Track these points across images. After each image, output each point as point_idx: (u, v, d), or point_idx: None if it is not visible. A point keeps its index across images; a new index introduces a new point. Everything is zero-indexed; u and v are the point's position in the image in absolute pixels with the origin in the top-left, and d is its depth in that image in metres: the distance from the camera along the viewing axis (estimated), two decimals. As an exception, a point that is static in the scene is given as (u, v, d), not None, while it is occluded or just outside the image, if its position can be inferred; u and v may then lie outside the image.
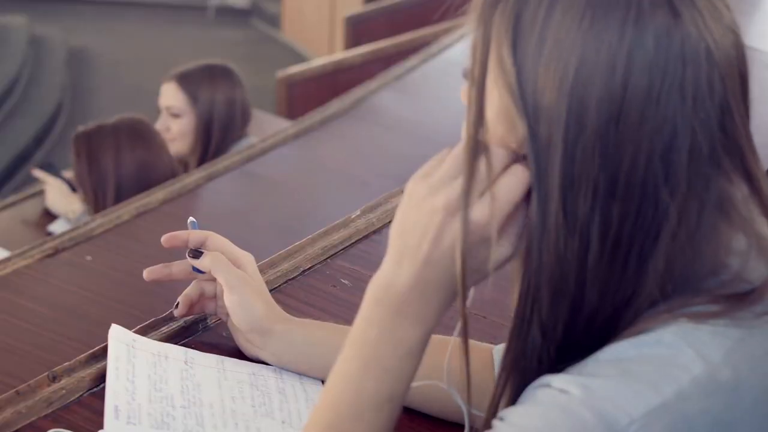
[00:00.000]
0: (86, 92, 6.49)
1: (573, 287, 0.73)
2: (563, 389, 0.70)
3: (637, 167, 0.70)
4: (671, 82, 0.69)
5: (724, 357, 0.70)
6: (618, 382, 0.70)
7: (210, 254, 1.08)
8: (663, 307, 0.73)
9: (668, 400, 0.69)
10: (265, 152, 2.36)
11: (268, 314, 1.06)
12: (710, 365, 0.70)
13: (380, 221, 1.46)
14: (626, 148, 0.70)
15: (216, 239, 1.10)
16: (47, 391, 1.00)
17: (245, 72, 2.87)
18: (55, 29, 7.32)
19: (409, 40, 4.06)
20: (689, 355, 0.70)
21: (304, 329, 1.07)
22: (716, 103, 0.71)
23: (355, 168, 2.39)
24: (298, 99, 3.89)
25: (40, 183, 2.73)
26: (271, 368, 1.08)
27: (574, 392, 0.70)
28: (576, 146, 0.70)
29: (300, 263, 1.31)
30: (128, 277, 1.71)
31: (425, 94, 2.96)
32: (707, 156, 0.71)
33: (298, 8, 7.29)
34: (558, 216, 0.71)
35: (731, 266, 0.74)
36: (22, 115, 5.77)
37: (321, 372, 1.07)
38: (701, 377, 0.70)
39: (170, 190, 2.08)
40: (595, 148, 0.70)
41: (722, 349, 0.71)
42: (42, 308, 1.58)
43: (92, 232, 1.85)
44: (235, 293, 1.06)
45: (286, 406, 1.03)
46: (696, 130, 0.70)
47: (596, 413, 0.68)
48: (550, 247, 0.72)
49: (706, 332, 0.71)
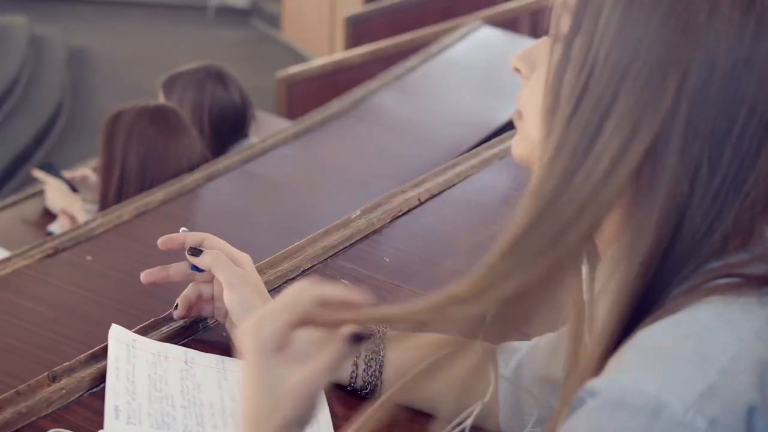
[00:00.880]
0: (86, 92, 6.49)
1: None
2: (608, 391, 0.70)
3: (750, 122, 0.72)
4: None
5: (755, 335, 0.71)
6: (663, 372, 0.70)
7: (210, 252, 1.08)
8: (692, 283, 0.74)
9: (715, 381, 0.69)
10: (265, 152, 2.36)
11: None
12: (744, 342, 0.71)
13: (380, 221, 1.46)
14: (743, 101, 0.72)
15: (213, 241, 1.10)
16: (47, 391, 1.00)
17: (245, 72, 2.87)
18: (55, 29, 7.32)
19: (409, 40, 4.06)
20: (725, 333, 0.71)
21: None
22: None
23: (355, 168, 2.39)
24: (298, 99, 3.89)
25: (40, 183, 2.73)
26: None
27: (628, 398, 0.69)
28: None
29: (300, 263, 1.31)
30: (128, 277, 1.71)
31: (425, 94, 2.96)
32: None
33: (298, 8, 7.29)
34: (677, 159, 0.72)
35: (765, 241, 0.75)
36: (22, 115, 5.78)
37: None
38: (739, 355, 0.70)
39: (170, 190, 2.08)
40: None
41: (753, 327, 0.71)
42: (42, 308, 1.58)
43: (92, 232, 1.85)
44: (235, 292, 1.06)
45: (286, 406, 1.03)
46: None
47: (653, 409, 0.68)
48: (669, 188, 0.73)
49: (737, 310, 0.72)
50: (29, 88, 6.18)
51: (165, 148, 2.34)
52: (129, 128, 2.32)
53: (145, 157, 2.32)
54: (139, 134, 2.32)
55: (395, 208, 1.51)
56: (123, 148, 2.31)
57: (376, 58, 3.98)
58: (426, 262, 1.42)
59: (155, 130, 2.34)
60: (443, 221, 1.55)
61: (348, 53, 4.30)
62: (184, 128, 2.40)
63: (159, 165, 2.32)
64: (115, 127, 2.33)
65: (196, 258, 1.08)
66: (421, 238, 1.48)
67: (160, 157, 2.33)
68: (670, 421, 0.68)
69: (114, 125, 2.34)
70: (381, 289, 1.31)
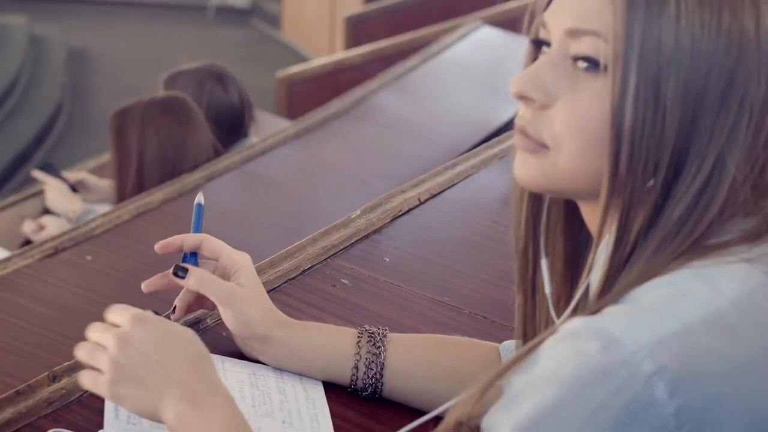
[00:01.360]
0: (86, 92, 6.49)
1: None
2: (574, 329, 0.73)
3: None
4: None
5: (733, 300, 0.73)
6: (627, 315, 0.72)
7: (195, 274, 1.05)
8: (675, 250, 0.76)
9: (676, 331, 0.71)
10: (265, 152, 2.36)
11: (265, 321, 1.05)
12: (719, 304, 0.73)
13: (380, 221, 1.46)
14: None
15: (210, 242, 1.09)
16: (47, 391, 1.00)
17: (245, 72, 2.87)
18: (55, 29, 7.32)
19: (409, 40, 4.06)
20: (701, 291, 0.73)
21: (303, 333, 1.07)
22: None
23: (355, 168, 2.39)
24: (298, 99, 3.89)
25: (40, 183, 2.73)
26: (271, 368, 1.08)
27: (582, 329, 0.72)
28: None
29: (300, 263, 1.31)
30: (128, 277, 1.71)
31: (425, 94, 2.96)
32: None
33: (298, 8, 7.29)
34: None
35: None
36: (22, 115, 5.78)
37: (321, 374, 1.07)
38: (710, 315, 0.72)
39: (170, 190, 2.08)
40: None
41: (733, 291, 0.74)
42: (42, 308, 1.59)
43: (92, 232, 1.85)
44: (228, 308, 1.04)
45: (287, 406, 1.03)
46: None
47: (602, 342, 0.70)
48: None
49: (718, 273, 0.74)
50: (29, 88, 6.18)
51: (183, 135, 2.34)
52: (141, 121, 2.31)
53: (165, 146, 2.31)
54: (153, 125, 2.31)
55: (395, 208, 1.51)
56: (139, 142, 2.30)
57: (376, 58, 3.98)
58: (426, 262, 1.42)
59: (170, 118, 2.34)
60: (443, 221, 1.55)
61: (348, 53, 4.30)
62: (196, 114, 2.40)
63: (179, 152, 2.31)
64: (123, 123, 2.32)
65: (182, 281, 1.06)
66: (421, 238, 1.48)
67: (179, 145, 2.32)
68: (617, 358, 0.70)
69: (122, 121, 2.33)
70: (381, 289, 1.31)
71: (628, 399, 0.69)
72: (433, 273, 1.39)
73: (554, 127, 0.79)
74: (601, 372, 0.70)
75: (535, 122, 0.80)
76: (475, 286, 1.36)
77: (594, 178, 0.78)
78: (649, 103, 0.75)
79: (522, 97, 0.81)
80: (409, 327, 1.21)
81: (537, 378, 0.73)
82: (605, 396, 0.69)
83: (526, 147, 0.82)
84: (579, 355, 0.71)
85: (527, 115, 0.81)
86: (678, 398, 0.69)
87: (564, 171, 0.80)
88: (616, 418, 0.69)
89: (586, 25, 0.78)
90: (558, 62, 0.79)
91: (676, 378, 0.69)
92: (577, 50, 0.78)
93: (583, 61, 0.78)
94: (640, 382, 0.69)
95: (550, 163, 0.80)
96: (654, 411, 0.69)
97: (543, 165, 0.81)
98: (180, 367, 0.89)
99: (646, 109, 0.75)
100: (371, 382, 1.05)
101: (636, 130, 0.75)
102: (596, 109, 0.77)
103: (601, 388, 0.69)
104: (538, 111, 0.80)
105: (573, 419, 0.70)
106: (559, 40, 0.80)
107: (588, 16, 0.78)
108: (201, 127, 2.40)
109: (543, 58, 0.81)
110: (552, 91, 0.79)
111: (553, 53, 0.80)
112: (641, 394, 0.69)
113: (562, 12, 0.80)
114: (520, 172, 0.83)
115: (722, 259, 0.75)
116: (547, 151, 0.80)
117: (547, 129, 0.80)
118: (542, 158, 0.81)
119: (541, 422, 0.71)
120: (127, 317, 0.91)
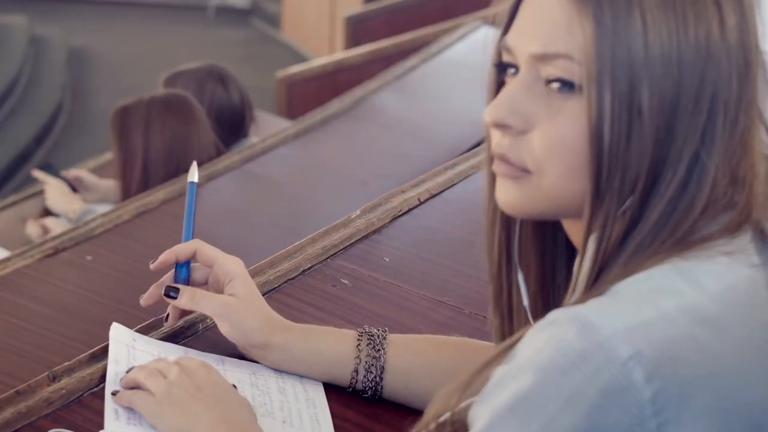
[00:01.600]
0: (86, 92, 6.49)
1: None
2: (552, 317, 0.73)
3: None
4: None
5: (713, 294, 0.74)
6: (604, 303, 0.73)
7: (186, 293, 1.06)
8: (655, 249, 0.77)
9: (652, 318, 0.71)
10: (265, 152, 2.35)
11: (262, 329, 1.05)
12: (699, 297, 0.73)
13: (380, 221, 1.46)
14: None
15: (204, 252, 1.08)
16: (47, 391, 1.00)
17: (245, 72, 2.87)
18: (55, 29, 7.32)
19: (409, 40, 4.06)
20: (679, 284, 0.74)
21: (302, 338, 1.07)
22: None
23: (355, 168, 2.39)
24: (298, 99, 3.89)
25: (40, 183, 2.73)
26: (271, 368, 1.08)
27: (559, 316, 0.73)
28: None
29: (300, 263, 1.31)
30: (128, 276, 1.71)
31: (425, 94, 2.96)
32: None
33: (298, 8, 7.29)
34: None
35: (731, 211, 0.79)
36: (22, 115, 5.77)
37: (321, 377, 1.07)
38: (688, 305, 0.73)
39: (170, 190, 2.08)
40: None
41: (713, 285, 0.74)
42: (42, 308, 1.58)
43: (92, 232, 1.85)
44: (224, 321, 1.05)
45: (287, 406, 1.03)
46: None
47: (578, 328, 0.71)
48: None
49: (698, 268, 0.75)
50: (29, 88, 6.17)
51: (187, 133, 2.33)
52: (145, 119, 2.30)
53: (171, 143, 2.30)
54: (158, 123, 2.31)
55: (395, 207, 1.51)
56: (143, 140, 2.30)
57: (376, 58, 3.97)
58: (426, 262, 1.42)
59: (174, 116, 2.33)
60: (443, 221, 1.55)
61: (348, 53, 4.30)
62: (199, 112, 2.40)
63: (184, 150, 2.31)
64: (126, 122, 2.32)
65: (174, 301, 1.06)
66: (421, 238, 1.48)
67: (184, 143, 2.32)
68: (593, 343, 0.70)
69: (124, 120, 2.32)
70: (381, 289, 1.31)
71: (603, 383, 0.69)
72: (433, 273, 1.39)
73: (535, 151, 0.79)
74: (577, 357, 0.70)
75: (515, 148, 0.80)
76: (474, 286, 1.36)
77: (578, 197, 0.79)
78: (625, 118, 0.75)
79: (500, 125, 0.81)
80: (409, 327, 1.21)
81: (515, 367, 0.73)
82: (581, 381, 0.69)
83: (508, 174, 0.81)
84: (555, 341, 0.71)
85: (505, 142, 0.81)
86: (655, 383, 0.69)
87: (548, 193, 0.80)
88: (593, 403, 0.69)
89: (556, 48, 0.77)
90: (530, 86, 0.79)
91: (653, 363, 0.69)
92: (550, 73, 0.78)
93: (556, 82, 0.78)
94: (616, 366, 0.69)
95: (534, 188, 0.80)
96: (631, 396, 0.69)
97: (527, 190, 0.81)
98: (227, 408, 0.94)
99: (623, 124, 0.75)
100: (371, 385, 1.05)
101: (615, 146, 0.76)
102: (575, 129, 0.77)
103: (576, 372, 0.69)
104: (516, 137, 0.80)
105: (549, 404, 0.70)
106: (527, 64, 0.80)
107: (556, 39, 0.77)
108: (204, 125, 2.40)
109: (515, 84, 0.80)
110: (529, 115, 0.79)
111: (524, 78, 0.80)
112: (618, 378, 0.69)
113: (528, 37, 0.80)
114: (504, 199, 0.83)
115: (702, 254, 0.76)
116: (530, 175, 0.80)
117: (528, 153, 0.80)
118: (526, 183, 0.81)
119: (518, 408, 0.71)
120: (197, 361, 0.98)
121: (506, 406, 0.72)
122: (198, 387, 0.94)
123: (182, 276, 1.09)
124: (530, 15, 0.80)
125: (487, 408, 0.73)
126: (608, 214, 0.77)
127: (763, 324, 0.76)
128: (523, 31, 0.80)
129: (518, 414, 0.71)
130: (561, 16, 0.77)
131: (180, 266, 1.09)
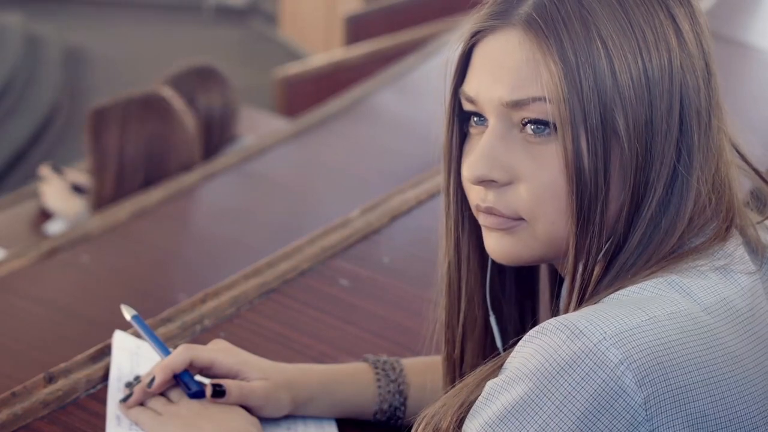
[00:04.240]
0: (83, 91, 6.48)
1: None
2: (540, 327, 0.73)
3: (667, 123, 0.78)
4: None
5: (706, 305, 0.74)
6: (593, 310, 0.73)
7: (233, 390, 0.97)
8: (642, 265, 0.77)
9: (642, 323, 0.71)
10: (264, 152, 2.35)
11: (292, 399, 1.00)
12: (691, 308, 0.73)
13: (379, 221, 1.46)
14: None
15: (199, 360, 0.98)
16: (43, 393, 0.99)
17: (243, 71, 2.87)
18: (51, 28, 7.31)
19: (409, 39, 4.05)
20: (672, 294, 0.74)
21: (324, 392, 1.01)
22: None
23: (354, 167, 2.38)
24: (296, 98, 3.88)
25: (38, 182, 2.71)
26: None
27: (548, 325, 0.72)
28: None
29: (299, 263, 1.30)
30: (125, 277, 1.70)
31: (425, 93, 2.95)
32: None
33: (296, 7, 7.29)
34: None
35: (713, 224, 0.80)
36: (19, 115, 5.76)
37: (342, 417, 1.04)
38: (680, 314, 0.72)
39: (168, 190, 2.07)
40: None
41: (705, 298, 0.75)
42: (38, 308, 1.58)
43: (89, 233, 1.84)
44: (265, 406, 0.99)
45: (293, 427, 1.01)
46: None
47: (566, 335, 0.70)
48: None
49: (691, 282, 0.75)
50: (25, 88, 6.16)
51: (166, 133, 2.29)
52: (121, 121, 2.25)
53: (149, 144, 2.26)
54: (136, 123, 2.27)
55: (394, 208, 1.50)
56: (118, 143, 2.25)
57: (375, 57, 3.97)
58: (426, 262, 1.41)
59: (152, 116, 2.28)
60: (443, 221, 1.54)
61: (347, 52, 4.29)
62: (177, 112, 2.35)
63: (163, 150, 2.27)
64: (101, 124, 2.25)
65: (223, 398, 0.97)
66: (420, 238, 1.47)
67: (163, 143, 2.27)
68: (582, 349, 0.70)
69: (99, 121, 2.25)
70: (380, 290, 1.31)
71: (594, 389, 0.68)
72: (432, 273, 1.38)
73: (525, 200, 0.79)
74: (566, 363, 0.69)
75: (502, 200, 0.80)
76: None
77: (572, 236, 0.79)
78: (601, 149, 0.75)
79: (484, 181, 0.80)
80: (409, 327, 1.21)
81: (505, 378, 0.73)
82: (571, 387, 0.69)
83: (500, 226, 0.81)
84: (544, 349, 0.71)
85: (490, 196, 0.80)
86: (646, 388, 0.69)
87: (543, 238, 0.80)
88: (584, 409, 0.69)
89: (527, 93, 0.77)
90: (505, 136, 0.79)
91: (644, 368, 0.69)
92: (524, 116, 0.78)
93: (531, 124, 0.78)
94: (606, 371, 0.68)
95: (530, 235, 0.80)
96: (622, 401, 0.68)
97: (522, 238, 0.80)
98: (236, 425, 0.92)
99: (600, 156, 0.75)
100: (392, 415, 1.03)
101: (594, 178, 0.75)
102: (559, 170, 0.77)
103: (566, 378, 0.69)
104: (501, 189, 0.80)
105: (540, 412, 0.70)
106: (497, 113, 0.79)
107: (524, 83, 0.77)
108: (183, 124, 2.35)
109: (489, 136, 0.80)
110: (512, 166, 0.79)
111: (497, 128, 0.79)
112: (608, 383, 0.68)
113: (492, 84, 0.79)
114: (497, 251, 0.82)
115: (694, 269, 0.76)
116: (524, 223, 0.80)
117: (518, 203, 0.79)
118: (520, 232, 0.80)
119: (510, 417, 0.71)
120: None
121: (498, 416, 0.71)
122: (205, 406, 0.94)
123: (193, 388, 0.97)
124: (489, 62, 0.79)
125: (479, 421, 0.73)
126: (593, 244, 0.77)
127: (760, 338, 0.75)
128: (484, 79, 0.80)
129: (510, 423, 0.71)
130: (524, 60, 0.77)
131: (182, 378, 0.97)
